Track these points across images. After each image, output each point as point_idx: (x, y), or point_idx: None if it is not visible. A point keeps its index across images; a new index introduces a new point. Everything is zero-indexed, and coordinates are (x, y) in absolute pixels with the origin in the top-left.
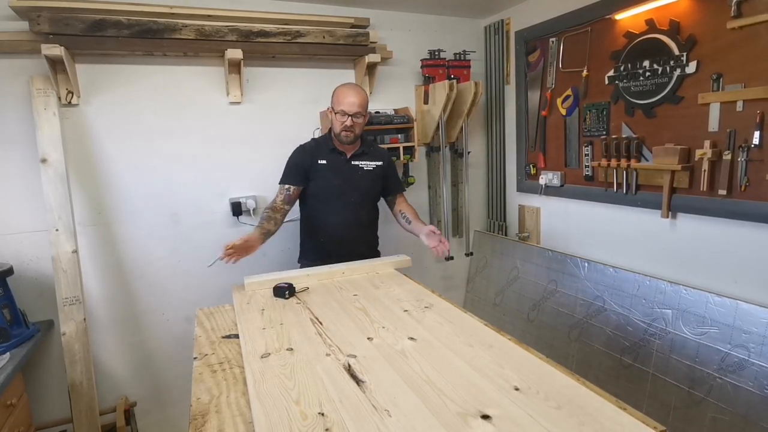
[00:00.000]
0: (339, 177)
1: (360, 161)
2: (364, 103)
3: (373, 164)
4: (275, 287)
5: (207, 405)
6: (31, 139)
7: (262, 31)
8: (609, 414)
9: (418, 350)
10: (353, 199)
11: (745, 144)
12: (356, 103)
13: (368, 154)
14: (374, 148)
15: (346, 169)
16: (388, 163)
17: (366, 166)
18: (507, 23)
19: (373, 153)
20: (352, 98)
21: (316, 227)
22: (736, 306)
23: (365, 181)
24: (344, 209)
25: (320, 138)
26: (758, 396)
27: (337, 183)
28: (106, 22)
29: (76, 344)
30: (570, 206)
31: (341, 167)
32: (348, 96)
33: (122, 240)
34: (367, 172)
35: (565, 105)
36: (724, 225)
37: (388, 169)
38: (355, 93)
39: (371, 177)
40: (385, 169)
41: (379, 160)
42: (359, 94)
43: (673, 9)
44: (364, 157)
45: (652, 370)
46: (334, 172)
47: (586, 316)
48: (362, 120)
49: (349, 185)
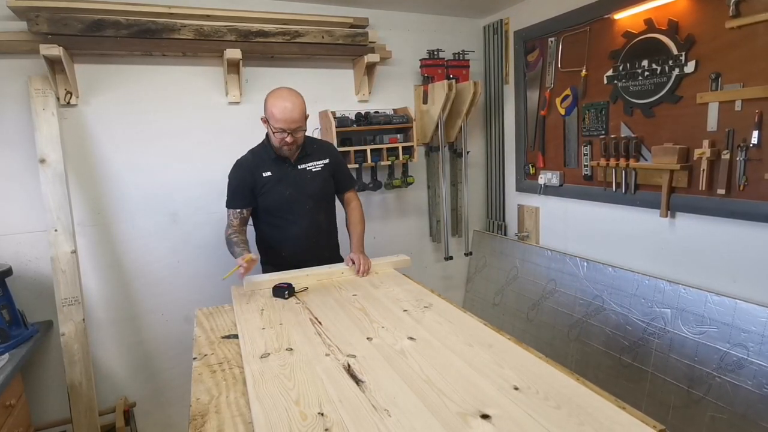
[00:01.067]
0: (288, 186)
1: (306, 164)
2: (302, 115)
3: (320, 164)
4: (274, 287)
5: (206, 405)
6: (29, 140)
7: (260, 31)
8: (608, 413)
9: (417, 350)
10: (308, 206)
11: (743, 143)
12: (295, 119)
13: (312, 154)
14: (317, 145)
15: (294, 176)
16: (335, 158)
17: (314, 168)
18: (506, 23)
19: (318, 151)
20: (289, 114)
21: (275, 241)
22: (735, 305)
23: (316, 184)
24: (301, 218)
25: (257, 148)
26: (757, 395)
27: (288, 193)
28: (105, 22)
29: (75, 345)
30: (569, 206)
31: (288, 175)
32: (285, 112)
33: (121, 240)
34: (316, 174)
35: (564, 105)
36: (722, 224)
37: (336, 165)
38: (292, 106)
39: (321, 178)
40: (332, 165)
41: (324, 157)
42: (296, 105)
43: (671, 9)
44: (309, 159)
45: (651, 369)
46: (282, 183)
47: (585, 315)
48: (301, 132)
49: (301, 192)
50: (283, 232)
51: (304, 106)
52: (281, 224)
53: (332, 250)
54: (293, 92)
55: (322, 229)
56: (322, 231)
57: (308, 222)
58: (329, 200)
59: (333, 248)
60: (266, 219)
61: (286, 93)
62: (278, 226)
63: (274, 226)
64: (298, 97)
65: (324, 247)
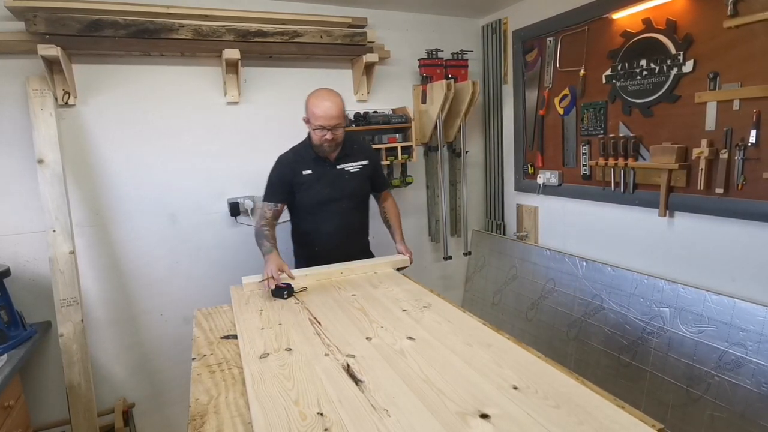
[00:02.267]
0: (327, 185)
1: (345, 164)
2: (341, 112)
3: (359, 165)
4: (274, 288)
5: (206, 406)
6: (27, 140)
7: (259, 31)
8: (607, 412)
9: (416, 350)
10: (344, 206)
11: (741, 143)
12: (334, 116)
13: (352, 155)
14: (357, 146)
15: (333, 176)
16: (374, 160)
17: (352, 168)
18: (504, 23)
19: (357, 152)
20: (329, 110)
21: (308, 236)
22: (734, 304)
23: (353, 185)
24: (336, 217)
25: (299, 147)
26: (756, 394)
27: (325, 192)
28: (103, 22)
29: (73, 345)
30: (568, 205)
31: (327, 174)
32: (324, 109)
33: (120, 241)
34: (354, 175)
35: (562, 104)
36: (721, 223)
37: (374, 166)
38: (331, 104)
39: (359, 179)
40: (371, 167)
41: (363, 158)
42: (335, 103)
43: (669, 8)
44: (349, 159)
45: (650, 368)
46: (321, 182)
47: (584, 315)
48: (340, 129)
49: (338, 192)
50: (318, 229)
51: (342, 105)
52: (317, 221)
53: (363, 248)
54: (332, 92)
55: (355, 228)
56: (354, 229)
57: (342, 220)
58: (364, 200)
59: (364, 246)
60: (302, 215)
61: (325, 92)
62: (313, 223)
63: (309, 222)
64: (337, 96)
65: (355, 244)
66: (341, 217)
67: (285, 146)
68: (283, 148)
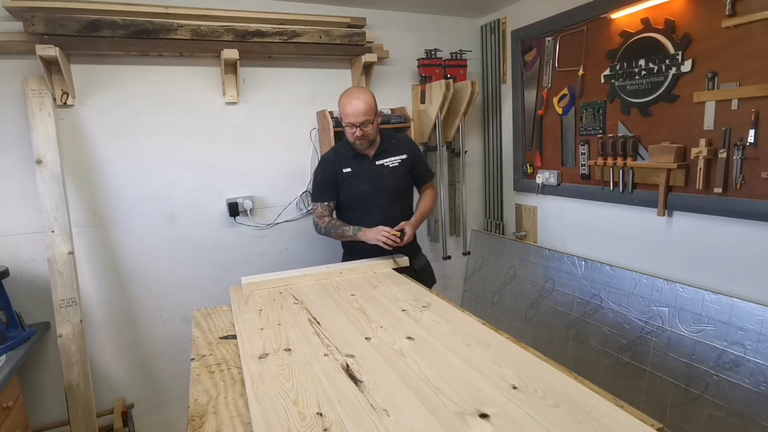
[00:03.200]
0: (366, 181)
1: (384, 159)
2: (369, 109)
3: (397, 159)
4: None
5: (205, 406)
6: (26, 141)
7: (258, 31)
8: (606, 412)
9: (416, 350)
10: (384, 200)
11: (740, 142)
12: (361, 113)
13: (390, 149)
14: (396, 140)
15: (372, 172)
16: (413, 153)
17: (391, 163)
18: (503, 22)
19: (396, 147)
20: (356, 108)
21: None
22: (732, 303)
23: (392, 179)
24: (376, 212)
25: (339, 146)
26: (755, 393)
27: (365, 188)
28: (101, 22)
29: (72, 346)
30: (567, 205)
31: (366, 171)
32: (351, 107)
33: (118, 241)
34: (393, 170)
35: (561, 104)
36: (719, 223)
37: (414, 160)
38: (359, 101)
39: (398, 173)
40: (410, 160)
41: (402, 153)
42: (363, 100)
43: (668, 8)
44: (387, 154)
45: (649, 367)
46: (360, 178)
47: (583, 314)
48: (372, 125)
49: (377, 187)
50: (361, 224)
51: (371, 102)
52: (358, 216)
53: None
54: (362, 89)
55: (397, 222)
56: (396, 224)
57: (383, 215)
58: (405, 194)
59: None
60: (345, 211)
61: (354, 90)
62: (356, 219)
63: (352, 218)
64: (366, 93)
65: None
66: (382, 212)
67: (284, 146)
68: (282, 148)
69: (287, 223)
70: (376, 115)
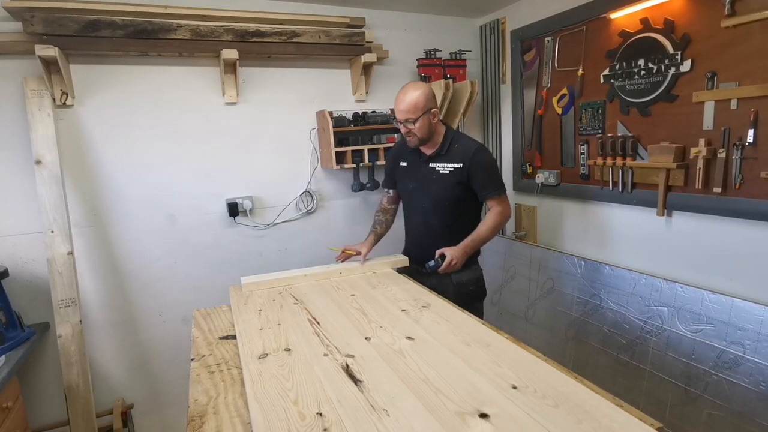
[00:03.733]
0: (413, 180)
1: (438, 163)
2: (412, 107)
3: (450, 167)
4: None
5: (205, 406)
6: (25, 141)
7: (257, 31)
8: (606, 411)
9: (415, 349)
10: (424, 205)
11: (739, 142)
12: (403, 110)
13: (447, 154)
14: (458, 146)
15: (422, 172)
16: (471, 164)
17: (442, 169)
18: (502, 22)
19: (453, 153)
20: (399, 104)
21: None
22: (732, 303)
23: (437, 186)
24: (418, 214)
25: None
26: (754, 392)
27: (411, 187)
28: (101, 22)
29: (72, 346)
30: (566, 205)
31: (418, 169)
32: (397, 102)
33: (118, 241)
34: (442, 176)
35: (560, 104)
36: (719, 223)
37: (471, 172)
38: (404, 96)
39: (446, 182)
40: (465, 171)
41: (458, 161)
42: (408, 97)
43: (667, 8)
44: (442, 159)
45: (648, 367)
46: (409, 175)
47: (582, 314)
48: (417, 123)
49: (422, 190)
50: (407, 223)
51: (415, 100)
52: (406, 214)
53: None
54: (413, 84)
55: (434, 233)
56: (433, 234)
57: (421, 221)
58: (449, 206)
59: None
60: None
61: (408, 85)
62: (406, 213)
63: (404, 211)
64: (415, 90)
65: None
66: (420, 218)
67: (284, 146)
68: (281, 148)
69: (287, 223)
70: (424, 113)
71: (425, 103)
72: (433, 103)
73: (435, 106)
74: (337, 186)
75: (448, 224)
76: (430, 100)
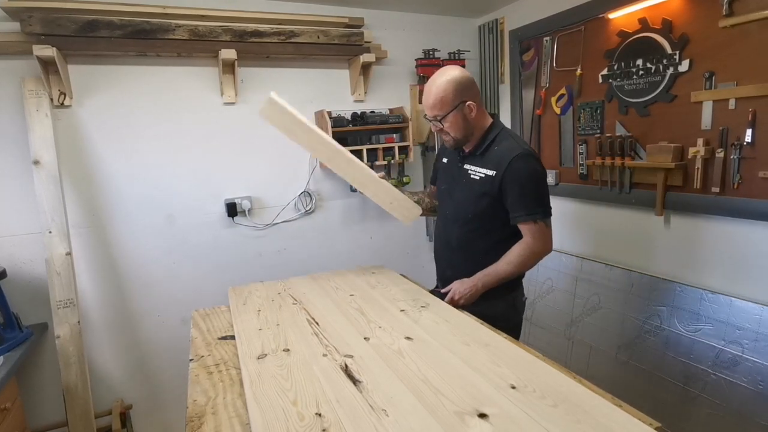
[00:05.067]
0: (446, 180)
1: (471, 165)
2: (438, 102)
3: (482, 172)
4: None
5: (203, 407)
6: (23, 141)
7: (256, 31)
8: (605, 411)
9: (414, 350)
10: (447, 212)
11: (737, 142)
12: (429, 105)
13: (485, 157)
14: (500, 148)
15: (455, 172)
16: (506, 174)
17: (474, 174)
18: (501, 22)
19: (491, 156)
20: (425, 98)
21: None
22: (730, 303)
23: (464, 193)
24: (440, 219)
25: None
26: (752, 392)
27: (443, 187)
28: (99, 22)
29: (70, 347)
30: (565, 205)
31: (452, 169)
32: (423, 96)
33: (116, 242)
34: (472, 182)
35: (559, 104)
36: (717, 222)
37: (505, 184)
38: (429, 89)
39: (473, 190)
40: (498, 182)
41: (492, 167)
42: (432, 91)
43: (665, 8)
44: (477, 162)
45: (647, 367)
46: (445, 174)
47: (581, 314)
48: (448, 121)
49: (449, 193)
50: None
51: (442, 93)
52: (439, 210)
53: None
54: (442, 71)
55: (450, 248)
56: (449, 249)
57: (442, 229)
58: (471, 221)
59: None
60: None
61: (435, 75)
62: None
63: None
64: (441, 81)
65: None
66: (443, 226)
67: (282, 146)
68: (280, 148)
69: (285, 223)
70: (455, 108)
71: (456, 94)
72: (469, 94)
73: (471, 97)
74: (335, 186)
75: (465, 242)
76: (463, 91)
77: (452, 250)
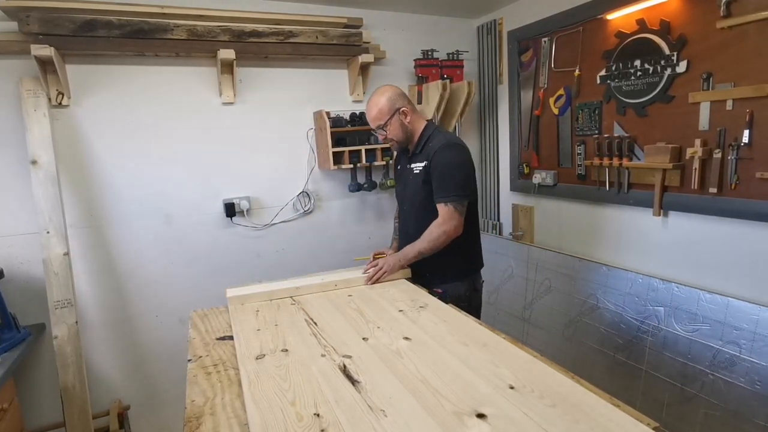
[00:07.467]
0: (401, 183)
1: (414, 162)
2: (377, 113)
3: (419, 166)
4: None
5: (201, 407)
6: (21, 141)
7: (254, 31)
8: (603, 411)
9: (413, 350)
10: (405, 208)
11: (735, 142)
12: (371, 119)
13: (421, 154)
14: (432, 143)
15: (406, 174)
16: (433, 162)
17: (415, 169)
18: (500, 23)
19: (426, 151)
20: (367, 113)
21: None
22: (728, 303)
23: (412, 188)
24: (402, 219)
25: None
26: (749, 392)
27: (399, 189)
28: (97, 22)
29: (68, 347)
30: (563, 205)
31: (404, 172)
32: (366, 111)
33: (114, 242)
34: (415, 176)
35: (557, 104)
36: (715, 223)
37: (431, 171)
38: (368, 109)
39: (416, 182)
40: (427, 170)
41: (425, 159)
42: (370, 107)
43: (663, 9)
44: (416, 158)
45: (645, 367)
46: (399, 179)
47: (579, 314)
48: (389, 127)
49: (403, 192)
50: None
51: (381, 104)
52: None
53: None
54: (376, 90)
55: (410, 236)
56: (409, 237)
57: (404, 224)
58: (420, 209)
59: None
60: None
61: (374, 92)
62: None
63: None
64: (377, 97)
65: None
66: (404, 221)
67: (281, 146)
68: (278, 149)
69: (284, 223)
70: (392, 115)
71: (390, 104)
72: (401, 102)
73: (404, 104)
74: (334, 186)
75: (419, 228)
76: (395, 100)
77: (411, 238)
